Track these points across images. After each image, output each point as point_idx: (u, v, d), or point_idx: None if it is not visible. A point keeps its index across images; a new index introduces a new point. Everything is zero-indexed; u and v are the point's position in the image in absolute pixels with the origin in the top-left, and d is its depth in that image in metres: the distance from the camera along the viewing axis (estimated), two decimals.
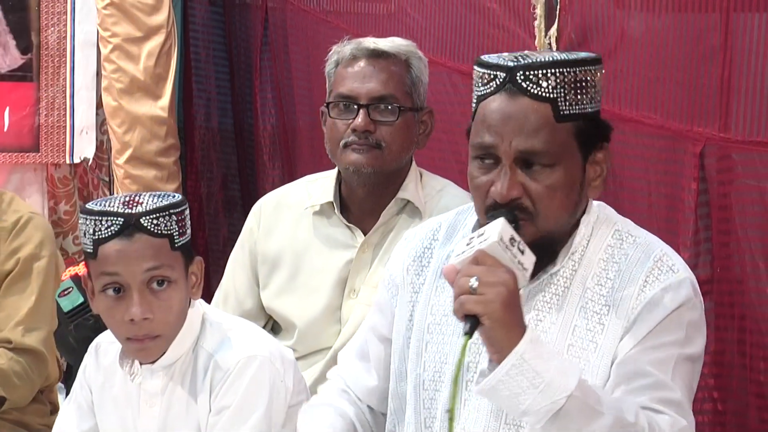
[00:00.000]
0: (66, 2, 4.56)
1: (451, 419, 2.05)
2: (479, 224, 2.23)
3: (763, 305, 2.56)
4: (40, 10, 4.55)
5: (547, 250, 2.17)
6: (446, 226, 2.36)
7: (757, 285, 2.56)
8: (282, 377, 2.50)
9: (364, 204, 3.01)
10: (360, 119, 2.92)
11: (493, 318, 1.98)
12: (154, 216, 2.42)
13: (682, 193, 2.71)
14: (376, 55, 2.96)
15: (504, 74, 2.13)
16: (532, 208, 2.13)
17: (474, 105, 2.20)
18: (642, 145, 2.83)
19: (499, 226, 2.05)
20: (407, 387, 2.29)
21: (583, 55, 2.18)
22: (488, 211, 2.14)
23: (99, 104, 4.63)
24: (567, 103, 2.13)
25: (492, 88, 2.15)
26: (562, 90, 2.12)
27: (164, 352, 2.49)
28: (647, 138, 2.81)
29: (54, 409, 3.18)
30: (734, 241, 2.61)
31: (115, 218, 2.41)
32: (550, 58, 2.13)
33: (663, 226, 2.70)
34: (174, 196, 2.48)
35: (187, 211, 2.48)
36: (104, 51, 4.46)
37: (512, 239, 2.05)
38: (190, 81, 4.76)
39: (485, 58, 2.18)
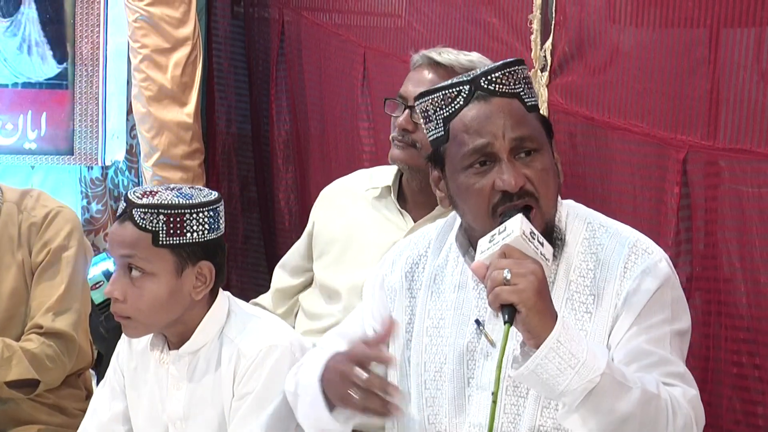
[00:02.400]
0: (99, 15, 4.56)
1: (494, 402, 2.01)
2: (463, 239, 2.22)
3: (738, 303, 2.55)
4: (75, 23, 4.54)
5: (550, 240, 2.14)
6: (434, 239, 2.33)
7: (734, 283, 2.56)
8: None
9: (418, 196, 3.03)
10: (402, 117, 2.95)
11: (528, 306, 1.96)
12: (143, 211, 2.44)
13: (665, 197, 2.70)
14: (434, 63, 2.98)
15: (468, 86, 2.14)
16: (536, 194, 2.12)
17: (441, 129, 2.17)
18: (629, 152, 2.82)
19: (519, 221, 2.04)
20: (411, 385, 2.25)
21: (509, 59, 2.19)
22: (496, 209, 2.12)
23: (129, 111, 4.63)
24: (528, 96, 2.15)
25: (460, 103, 2.14)
26: (520, 85, 2.15)
27: (169, 337, 2.53)
28: (634, 145, 2.80)
29: (89, 395, 3.16)
30: (713, 242, 2.61)
31: (123, 203, 2.48)
32: (497, 64, 2.15)
33: (647, 227, 2.67)
34: (190, 198, 2.48)
35: (194, 216, 2.47)
36: (134, 61, 4.45)
37: (532, 233, 2.04)
38: (212, 89, 4.74)
39: (431, 88, 2.19)
